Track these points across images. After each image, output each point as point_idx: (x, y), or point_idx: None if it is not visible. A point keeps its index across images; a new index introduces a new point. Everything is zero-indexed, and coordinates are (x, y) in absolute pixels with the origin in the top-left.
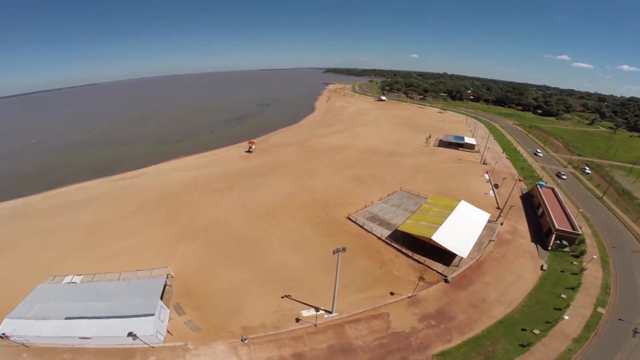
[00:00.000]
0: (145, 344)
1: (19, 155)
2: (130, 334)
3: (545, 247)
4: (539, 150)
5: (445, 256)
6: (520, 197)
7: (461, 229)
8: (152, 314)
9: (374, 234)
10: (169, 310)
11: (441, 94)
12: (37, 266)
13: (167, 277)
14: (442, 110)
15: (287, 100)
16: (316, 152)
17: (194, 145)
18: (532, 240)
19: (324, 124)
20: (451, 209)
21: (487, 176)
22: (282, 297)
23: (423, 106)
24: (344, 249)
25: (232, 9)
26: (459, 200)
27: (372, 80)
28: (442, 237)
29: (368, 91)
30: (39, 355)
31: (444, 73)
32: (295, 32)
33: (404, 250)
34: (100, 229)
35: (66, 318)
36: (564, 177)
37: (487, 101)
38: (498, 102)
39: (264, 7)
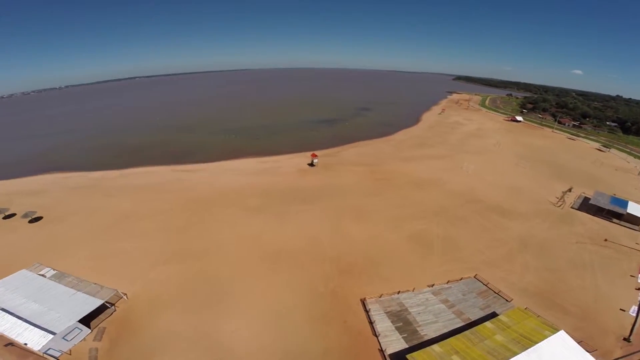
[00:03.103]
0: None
1: (137, 130)
2: (9, 344)
3: None
4: None
5: None
6: None
7: None
8: (54, 333)
9: (380, 343)
10: (89, 331)
11: (608, 122)
12: (55, 246)
13: (118, 298)
14: (603, 148)
15: (392, 106)
16: (387, 183)
17: (266, 145)
18: None
19: (419, 142)
20: (530, 344)
21: None
22: None
23: (575, 137)
24: None
25: (373, 10)
26: (556, 331)
27: (510, 95)
28: None
29: (501, 107)
30: None
31: (617, 96)
32: (426, 32)
33: None
34: (123, 222)
35: (1, 309)
36: None
37: None
38: None
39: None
